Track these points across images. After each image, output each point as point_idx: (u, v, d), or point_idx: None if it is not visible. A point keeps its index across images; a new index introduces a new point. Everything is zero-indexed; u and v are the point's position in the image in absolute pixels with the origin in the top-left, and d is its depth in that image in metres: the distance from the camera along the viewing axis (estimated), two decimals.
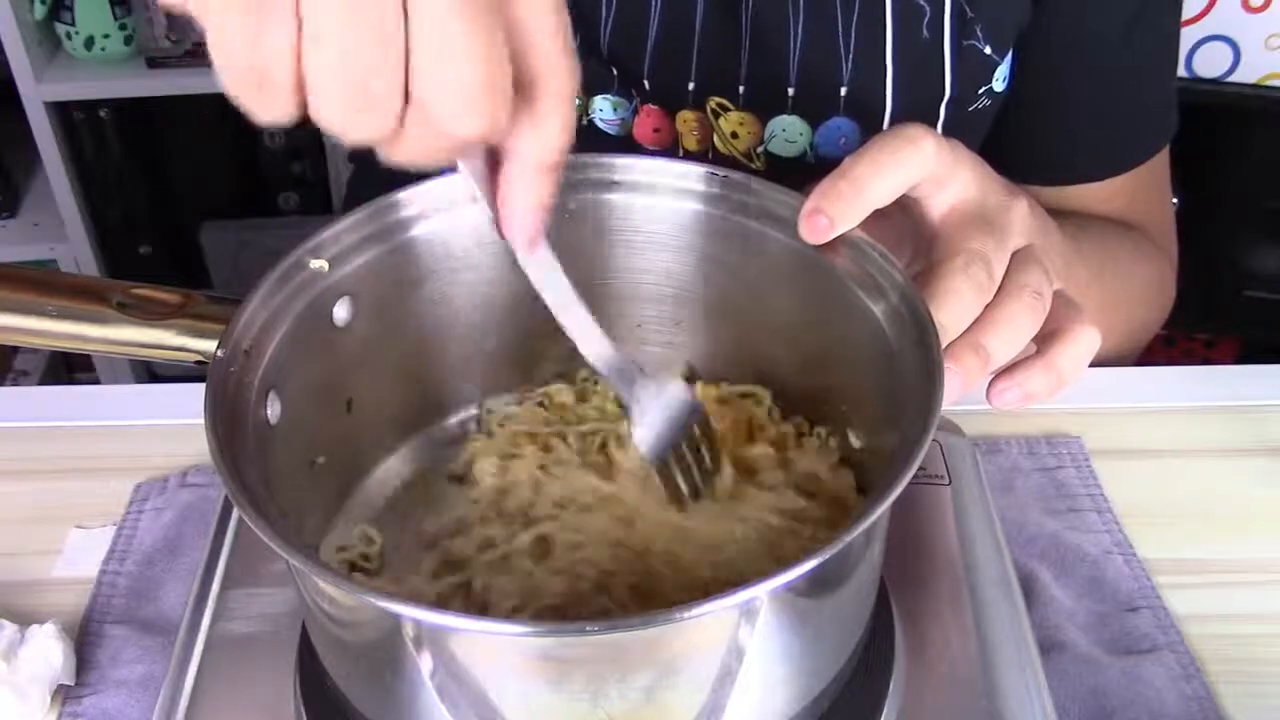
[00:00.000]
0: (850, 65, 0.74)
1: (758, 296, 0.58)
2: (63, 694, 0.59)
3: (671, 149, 0.78)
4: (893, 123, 0.75)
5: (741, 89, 0.75)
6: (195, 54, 1.76)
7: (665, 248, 0.59)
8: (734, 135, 0.77)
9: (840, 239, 0.53)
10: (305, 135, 1.93)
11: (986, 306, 0.52)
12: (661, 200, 0.57)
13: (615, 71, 0.76)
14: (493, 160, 0.41)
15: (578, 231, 0.58)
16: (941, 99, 0.75)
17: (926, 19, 0.73)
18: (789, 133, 0.76)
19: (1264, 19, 1.40)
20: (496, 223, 0.43)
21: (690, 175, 0.56)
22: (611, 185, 0.57)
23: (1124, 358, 0.84)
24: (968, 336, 0.51)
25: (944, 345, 0.49)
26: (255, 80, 0.35)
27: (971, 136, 0.79)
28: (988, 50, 0.75)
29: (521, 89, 0.38)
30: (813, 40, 0.74)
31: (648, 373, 0.52)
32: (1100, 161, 0.82)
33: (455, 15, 0.35)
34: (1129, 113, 0.82)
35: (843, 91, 0.75)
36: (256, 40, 0.35)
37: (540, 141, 0.40)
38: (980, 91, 0.76)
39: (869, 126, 0.76)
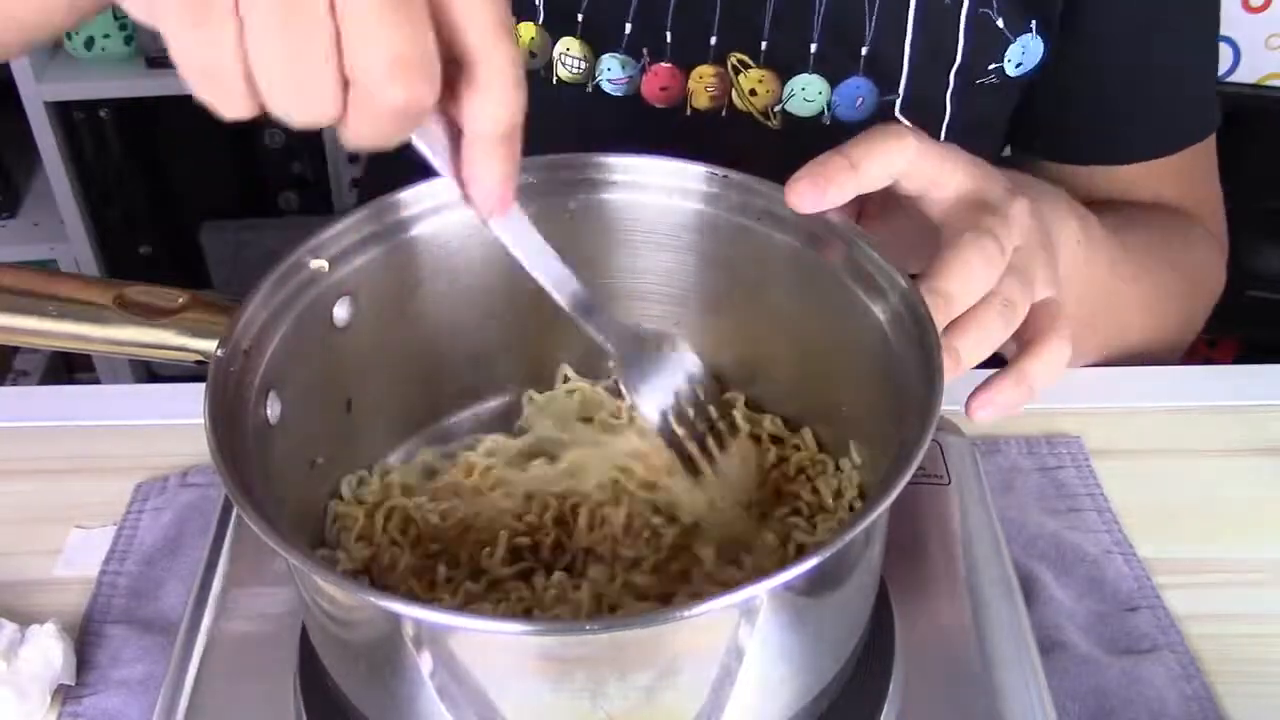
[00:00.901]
0: (873, 25, 0.75)
1: (758, 296, 0.58)
2: (63, 694, 0.59)
3: (679, 107, 0.79)
4: (908, 86, 0.76)
5: (764, 45, 0.76)
6: None
7: (665, 248, 0.59)
8: (752, 93, 0.77)
9: (840, 239, 0.53)
10: (305, 135, 1.93)
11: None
12: (661, 200, 0.57)
13: (630, 28, 0.76)
14: (457, 137, 0.43)
15: (578, 231, 0.58)
16: (952, 65, 0.76)
17: None
18: (808, 91, 0.77)
19: (1264, 19, 1.40)
20: (464, 196, 0.44)
21: (690, 175, 0.56)
22: (611, 185, 0.57)
23: (1175, 349, 0.85)
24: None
25: (952, 316, 0.51)
26: (211, 81, 0.39)
27: (982, 114, 0.80)
28: (1000, 23, 0.75)
29: (463, 66, 0.41)
30: None
31: (638, 332, 0.52)
32: (1147, 143, 0.83)
33: None
34: (1173, 95, 0.82)
35: (863, 51, 0.76)
36: (205, 44, 0.38)
37: (487, 114, 0.42)
38: (990, 67, 0.77)
39: (886, 88, 0.77)
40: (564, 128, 0.61)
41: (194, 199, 1.99)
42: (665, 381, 0.53)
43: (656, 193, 0.57)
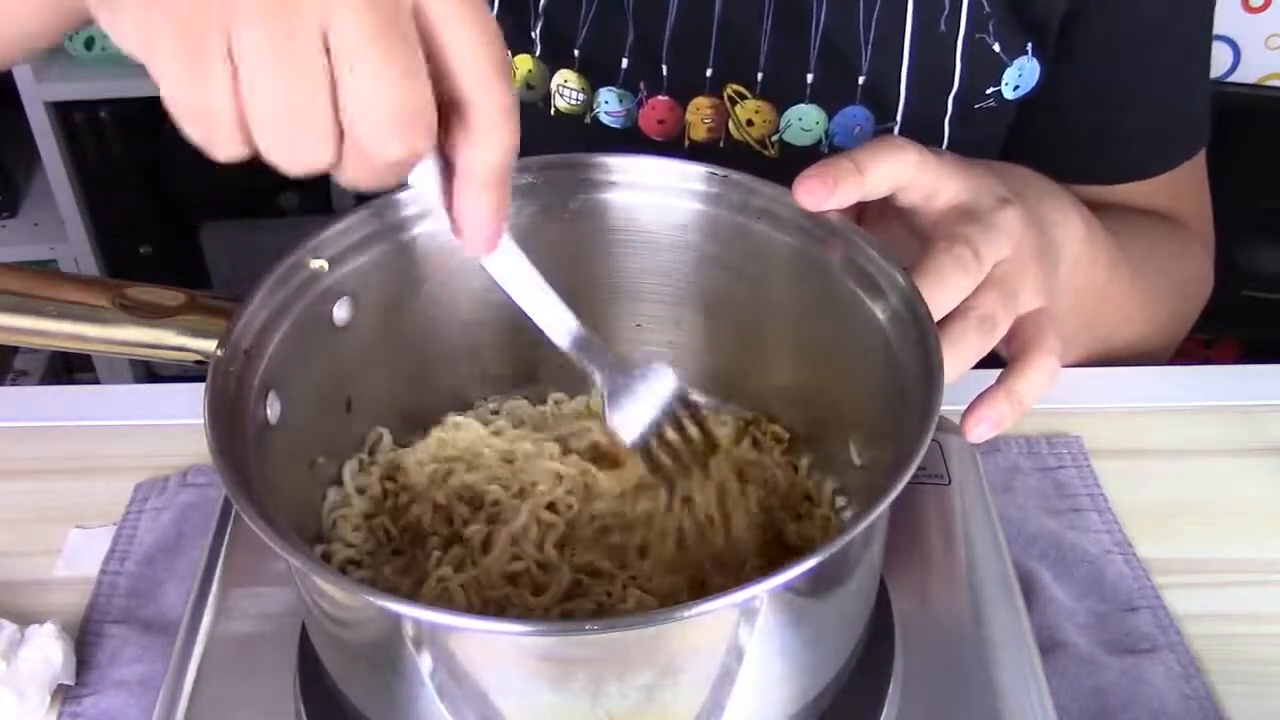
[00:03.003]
0: (869, 54, 0.75)
1: (758, 296, 0.58)
2: (63, 694, 0.59)
3: (677, 140, 0.79)
4: (906, 113, 0.76)
5: (760, 76, 0.76)
6: None
7: (665, 248, 0.59)
8: (749, 123, 0.77)
9: (840, 239, 0.53)
10: None
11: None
12: (661, 200, 0.57)
13: (626, 62, 0.76)
14: (449, 170, 0.43)
15: (578, 231, 0.58)
16: (950, 91, 0.76)
17: (945, 13, 0.74)
18: (805, 121, 0.77)
19: (1264, 19, 1.40)
20: (454, 230, 0.44)
21: (690, 175, 0.56)
22: (611, 185, 0.57)
23: (1164, 350, 0.86)
24: None
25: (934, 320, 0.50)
26: (203, 122, 0.38)
27: (980, 136, 0.80)
28: (996, 48, 0.75)
29: (457, 106, 0.40)
30: (834, 27, 0.74)
31: (626, 360, 0.52)
32: (1143, 161, 0.83)
33: (369, 45, 0.37)
34: (1168, 114, 0.83)
35: (860, 80, 0.76)
36: (197, 84, 0.37)
37: (481, 157, 0.41)
38: (988, 91, 0.77)
39: (883, 116, 0.77)
40: None
41: (194, 199, 1.98)
42: (648, 409, 0.52)
43: (656, 193, 0.57)
